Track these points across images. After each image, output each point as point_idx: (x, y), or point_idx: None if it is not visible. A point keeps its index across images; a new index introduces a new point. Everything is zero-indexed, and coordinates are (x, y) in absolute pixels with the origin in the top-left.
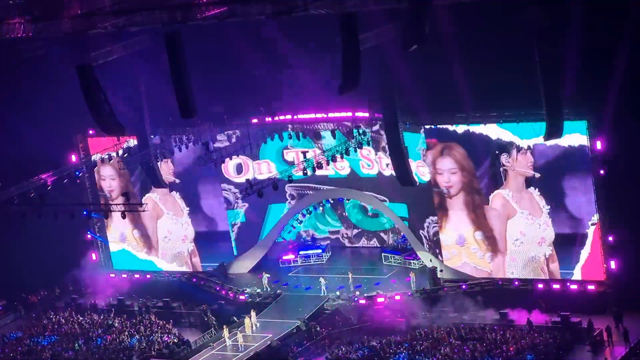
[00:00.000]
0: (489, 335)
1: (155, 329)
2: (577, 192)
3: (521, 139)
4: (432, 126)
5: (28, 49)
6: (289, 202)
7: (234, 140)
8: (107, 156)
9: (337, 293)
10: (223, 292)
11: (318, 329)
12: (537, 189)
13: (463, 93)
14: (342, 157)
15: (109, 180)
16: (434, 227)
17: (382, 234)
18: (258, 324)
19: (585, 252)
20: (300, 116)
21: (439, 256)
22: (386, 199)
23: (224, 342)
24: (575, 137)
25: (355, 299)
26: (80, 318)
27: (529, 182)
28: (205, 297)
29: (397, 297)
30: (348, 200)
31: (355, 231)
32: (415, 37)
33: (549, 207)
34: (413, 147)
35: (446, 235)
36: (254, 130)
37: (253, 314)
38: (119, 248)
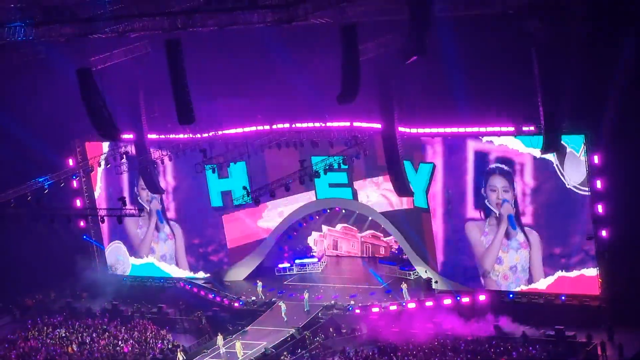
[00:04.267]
0: (483, 347)
1: (150, 335)
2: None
3: (526, 147)
4: (430, 137)
5: (28, 52)
6: None
7: (231, 148)
8: (104, 161)
9: (333, 301)
10: (218, 299)
11: (311, 337)
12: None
13: (461, 104)
14: (339, 167)
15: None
16: None
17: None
18: (224, 349)
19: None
20: (298, 125)
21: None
22: None
23: (218, 349)
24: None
25: (350, 308)
26: (75, 322)
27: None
28: (200, 304)
29: (392, 307)
30: (344, 210)
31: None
32: (416, 48)
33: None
34: None
35: None
36: (251, 139)
37: (220, 337)
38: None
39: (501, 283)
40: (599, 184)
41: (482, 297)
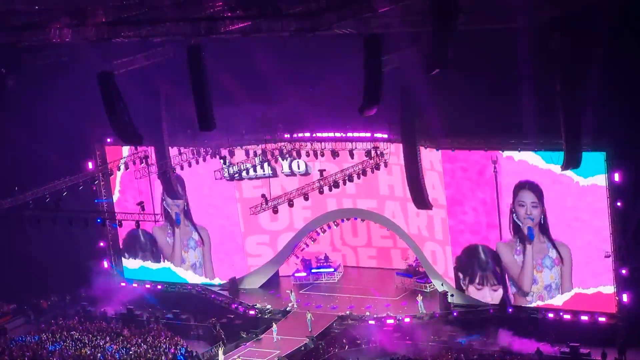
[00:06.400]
0: None
1: (164, 340)
2: (592, 223)
3: (547, 163)
4: (450, 151)
5: (52, 55)
6: None
7: (252, 156)
8: (123, 165)
9: (348, 312)
10: (233, 307)
11: (325, 347)
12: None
13: (482, 118)
14: (358, 177)
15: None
16: None
17: None
18: None
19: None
20: (319, 134)
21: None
22: None
23: (230, 356)
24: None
25: (365, 319)
26: (89, 325)
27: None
28: (215, 311)
29: (407, 320)
30: (363, 220)
31: None
32: (438, 61)
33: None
34: None
35: None
36: (272, 147)
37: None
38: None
39: (536, 304)
40: (619, 203)
41: (495, 312)
